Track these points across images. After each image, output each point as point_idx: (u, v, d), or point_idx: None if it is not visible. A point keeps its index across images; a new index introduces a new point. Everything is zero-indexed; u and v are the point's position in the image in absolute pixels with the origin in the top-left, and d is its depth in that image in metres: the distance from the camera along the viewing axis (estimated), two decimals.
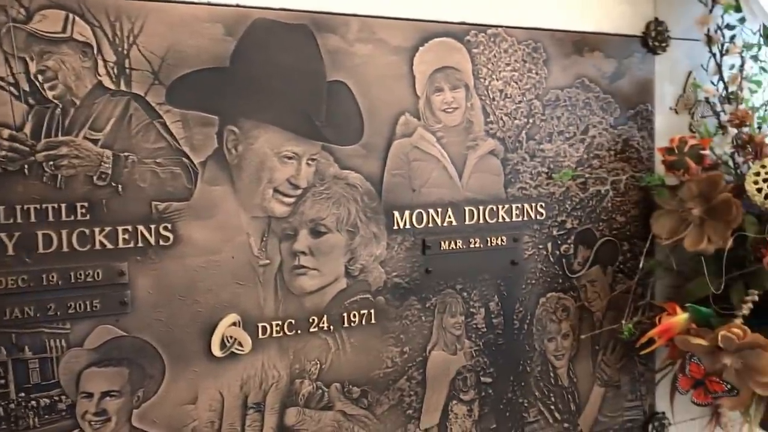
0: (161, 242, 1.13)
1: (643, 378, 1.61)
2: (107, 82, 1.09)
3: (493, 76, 1.39)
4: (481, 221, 1.39)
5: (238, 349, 1.20)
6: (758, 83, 1.53)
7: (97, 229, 1.09)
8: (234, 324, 1.19)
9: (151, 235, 1.13)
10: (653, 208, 1.54)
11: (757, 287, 1.43)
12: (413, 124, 1.32)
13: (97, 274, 1.10)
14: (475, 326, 1.40)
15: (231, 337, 1.19)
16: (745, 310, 1.42)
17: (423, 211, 1.33)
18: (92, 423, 1.10)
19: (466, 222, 1.38)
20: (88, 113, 1.08)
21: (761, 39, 1.52)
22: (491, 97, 1.39)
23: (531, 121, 1.43)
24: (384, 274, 1.31)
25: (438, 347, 1.36)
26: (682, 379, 1.41)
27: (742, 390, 1.38)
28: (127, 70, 1.10)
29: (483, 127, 1.38)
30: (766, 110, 1.52)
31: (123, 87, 1.10)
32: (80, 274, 1.08)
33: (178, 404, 1.16)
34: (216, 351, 1.18)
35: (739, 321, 1.38)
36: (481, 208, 1.39)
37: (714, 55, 1.56)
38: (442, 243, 1.35)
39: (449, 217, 1.36)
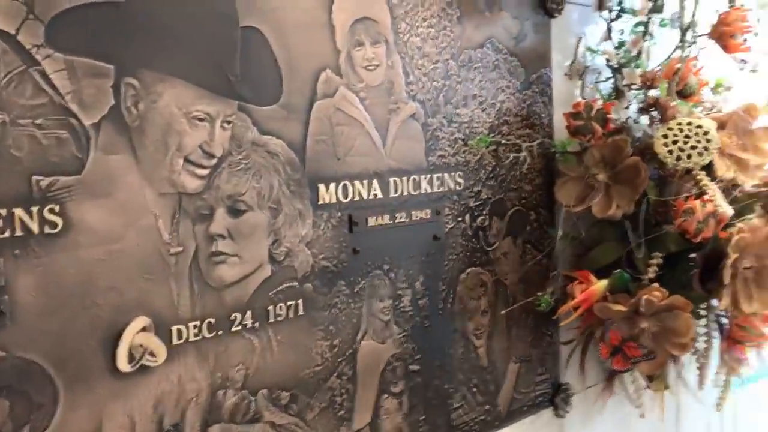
0: (47, 229, 0.85)
1: (549, 350, 1.58)
2: None
3: (412, 32, 1.25)
4: (405, 193, 1.25)
5: (150, 360, 0.95)
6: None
7: None
8: (144, 329, 0.94)
9: (32, 221, 0.84)
10: (555, 175, 1.50)
11: (661, 251, 1.45)
12: (335, 83, 1.14)
13: None
14: (402, 310, 1.26)
15: (140, 345, 0.94)
16: (651, 273, 1.42)
17: (349, 183, 1.16)
18: None
19: (391, 194, 1.23)
20: None
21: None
22: (410, 55, 1.25)
23: (448, 83, 1.31)
24: (311, 257, 1.12)
25: (368, 336, 1.20)
26: (603, 347, 1.39)
27: (659, 353, 1.38)
28: None
29: (404, 88, 1.24)
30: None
31: None
32: None
33: None
34: (123, 365, 0.92)
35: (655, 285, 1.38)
36: (404, 178, 1.25)
37: (605, 20, 1.56)
38: (369, 219, 1.20)
39: (375, 189, 1.20)
